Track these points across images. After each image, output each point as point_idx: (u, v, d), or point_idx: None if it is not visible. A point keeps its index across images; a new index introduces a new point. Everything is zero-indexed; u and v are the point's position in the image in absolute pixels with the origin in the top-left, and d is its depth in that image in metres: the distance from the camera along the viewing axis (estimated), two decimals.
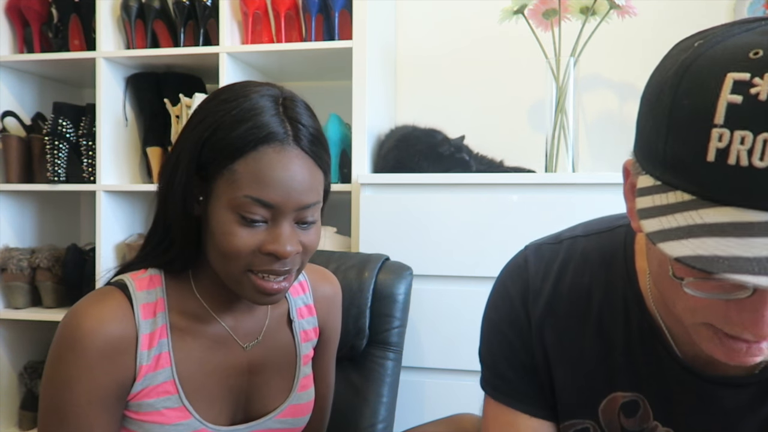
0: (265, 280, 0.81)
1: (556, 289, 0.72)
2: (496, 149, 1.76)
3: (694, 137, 0.46)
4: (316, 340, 1.01)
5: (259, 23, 1.79)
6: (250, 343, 0.91)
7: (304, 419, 0.97)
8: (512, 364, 0.75)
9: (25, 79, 2.05)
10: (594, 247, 0.73)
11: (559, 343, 0.72)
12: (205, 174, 0.81)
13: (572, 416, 0.72)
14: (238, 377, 0.90)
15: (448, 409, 1.06)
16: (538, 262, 0.75)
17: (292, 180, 0.79)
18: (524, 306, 0.74)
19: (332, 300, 1.05)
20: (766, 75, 0.44)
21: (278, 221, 0.80)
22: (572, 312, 0.71)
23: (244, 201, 0.77)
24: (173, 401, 0.83)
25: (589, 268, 0.72)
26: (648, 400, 0.67)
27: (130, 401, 0.82)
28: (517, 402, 0.75)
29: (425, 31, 1.97)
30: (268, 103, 0.81)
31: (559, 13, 1.63)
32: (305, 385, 0.97)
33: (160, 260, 0.87)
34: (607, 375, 0.69)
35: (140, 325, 0.82)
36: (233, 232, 0.78)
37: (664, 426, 0.67)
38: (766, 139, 0.43)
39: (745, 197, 0.44)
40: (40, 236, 2.10)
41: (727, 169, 0.44)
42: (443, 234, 1.49)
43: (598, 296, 0.70)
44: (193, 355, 0.86)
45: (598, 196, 1.39)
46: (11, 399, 1.99)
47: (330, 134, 1.75)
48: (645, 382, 0.68)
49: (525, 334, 0.74)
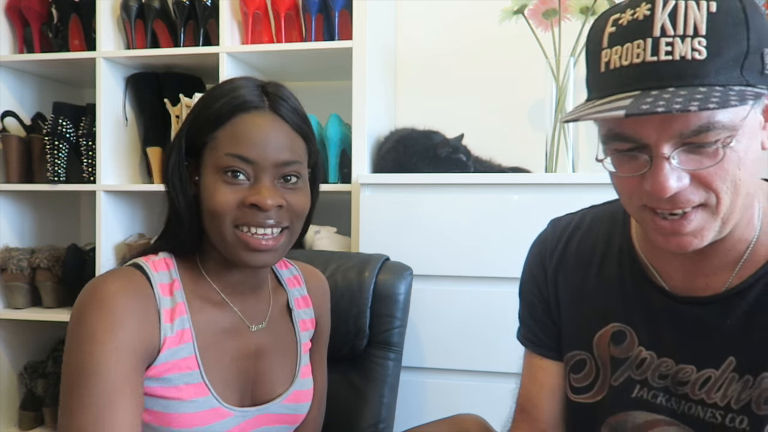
0: (253, 236, 0.85)
1: (568, 246, 0.89)
2: (495, 149, 1.76)
3: (592, 60, 0.70)
4: (312, 331, 1.04)
5: (259, 23, 1.79)
6: (257, 325, 0.94)
7: (305, 406, 0.99)
8: (533, 316, 0.93)
9: (25, 79, 2.05)
10: (602, 212, 0.90)
11: (567, 288, 0.88)
12: (196, 153, 0.87)
13: (572, 348, 0.87)
14: (247, 360, 0.92)
15: (448, 409, 1.06)
16: (554, 229, 0.93)
17: (268, 137, 0.85)
18: (542, 266, 0.92)
19: (324, 295, 1.10)
20: (627, 10, 0.66)
21: (259, 177, 0.85)
22: (579, 262, 0.88)
23: (225, 158, 0.84)
24: (194, 377, 0.84)
25: (596, 227, 0.88)
26: (634, 330, 0.81)
27: (151, 376, 0.81)
28: (535, 346, 0.93)
29: (425, 31, 1.97)
30: (249, 83, 0.89)
31: (559, 13, 1.63)
32: (306, 373, 1.00)
33: (170, 245, 0.90)
34: (602, 310, 0.84)
35: (161, 301, 0.83)
36: (218, 189, 0.84)
37: (647, 350, 0.79)
38: (628, 47, 0.65)
39: (617, 85, 0.66)
40: (40, 236, 2.10)
41: (609, 72, 0.67)
42: (443, 234, 1.49)
43: (600, 248, 0.86)
44: (209, 334, 0.88)
45: (598, 196, 1.37)
46: (11, 399, 1.99)
47: (330, 134, 1.75)
48: (633, 313, 0.81)
49: (542, 290, 0.91)
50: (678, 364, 0.76)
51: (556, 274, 0.90)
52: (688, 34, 0.62)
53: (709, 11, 0.62)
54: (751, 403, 0.71)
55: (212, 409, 0.85)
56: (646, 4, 0.64)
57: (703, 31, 0.61)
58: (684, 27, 0.62)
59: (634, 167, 0.67)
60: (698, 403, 0.75)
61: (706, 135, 0.62)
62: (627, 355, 0.81)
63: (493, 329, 1.44)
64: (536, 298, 0.93)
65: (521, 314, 0.98)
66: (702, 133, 0.62)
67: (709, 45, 0.61)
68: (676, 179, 0.64)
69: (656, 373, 0.78)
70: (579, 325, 0.86)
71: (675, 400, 0.77)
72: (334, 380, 1.14)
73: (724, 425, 0.73)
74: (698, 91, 0.60)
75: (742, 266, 0.73)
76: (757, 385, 0.71)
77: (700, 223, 0.67)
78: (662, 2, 0.63)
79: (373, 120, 1.70)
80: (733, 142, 0.63)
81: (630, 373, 0.80)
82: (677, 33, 0.62)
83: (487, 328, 1.45)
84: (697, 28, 0.62)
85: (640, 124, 0.64)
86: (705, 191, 0.65)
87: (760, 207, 0.74)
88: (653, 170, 0.65)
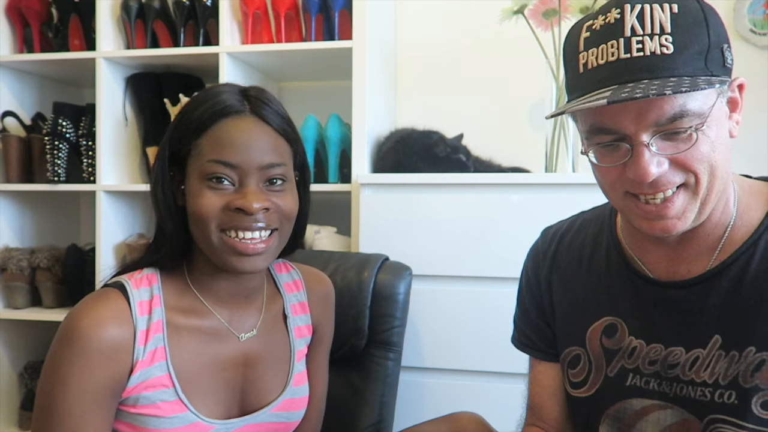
0: (241, 241, 0.84)
1: (559, 247, 0.94)
2: (495, 149, 1.76)
3: (570, 64, 0.76)
4: (309, 337, 1.03)
5: (259, 23, 1.79)
6: (246, 334, 0.93)
7: (298, 414, 0.98)
8: (528, 320, 0.98)
9: (25, 79, 2.05)
10: (591, 215, 0.95)
11: (561, 289, 0.92)
12: (180, 161, 0.87)
13: (567, 345, 0.91)
14: (234, 370, 0.91)
15: (447, 409, 1.05)
16: (545, 236, 0.99)
17: (249, 140, 0.85)
18: (535, 272, 0.96)
19: (326, 300, 1.08)
20: (599, 16, 0.72)
21: (244, 181, 0.85)
22: (570, 262, 0.92)
23: (209, 165, 0.84)
24: (169, 394, 0.84)
25: (585, 228, 0.93)
26: (624, 321, 0.84)
27: (127, 396, 0.83)
28: (530, 349, 0.98)
29: (425, 31, 1.96)
30: (229, 88, 0.88)
31: (559, 13, 1.63)
32: (299, 380, 0.99)
33: (155, 258, 0.90)
34: (593, 305, 0.88)
35: (137, 322, 0.83)
36: (202, 195, 0.84)
37: (637, 339, 0.83)
38: (603, 47, 0.71)
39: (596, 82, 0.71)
40: (40, 236, 2.10)
41: (588, 72, 0.73)
42: (443, 234, 1.49)
43: (589, 247, 0.91)
44: (188, 348, 0.88)
45: (598, 196, 1.37)
46: (11, 399, 1.99)
47: (330, 134, 1.75)
48: (621, 304, 0.85)
49: (536, 295, 0.96)
50: (667, 348, 0.80)
51: (549, 277, 0.94)
52: (656, 32, 0.69)
53: (672, 12, 0.69)
54: (738, 377, 0.74)
55: (191, 425, 0.86)
56: (616, 10, 0.71)
57: (668, 29, 0.68)
58: (651, 26, 0.69)
59: (616, 157, 0.73)
60: (688, 384, 0.78)
61: (681, 122, 0.69)
62: (619, 346, 0.84)
63: (492, 329, 1.44)
64: (530, 303, 0.97)
65: (516, 318, 1.02)
66: (676, 120, 0.69)
67: (675, 41, 0.68)
68: (656, 165, 0.70)
69: (646, 360, 0.82)
70: (573, 321, 0.90)
71: (666, 383, 0.80)
72: (333, 380, 1.14)
73: (714, 402, 0.76)
74: (670, 81, 0.67)
75: (720, 250, 0.78)
76: (743, 359, 0.74)
77: (683, 204, 0.73)
78: (629, 6, 0.70)
79: (373, 120, 1.70)
80: (705, 128, 0.70)
81: (623, 363, 0.84)
82: (645, 32, 0.69)
83: (486, 328, 1.45)
84: (663, 27, 0.69)
85: (620, 116, 0.70)
86: (684, 173, 0.72)
87: (735, 193, 0.79)
88: (634, 158, 0.71)
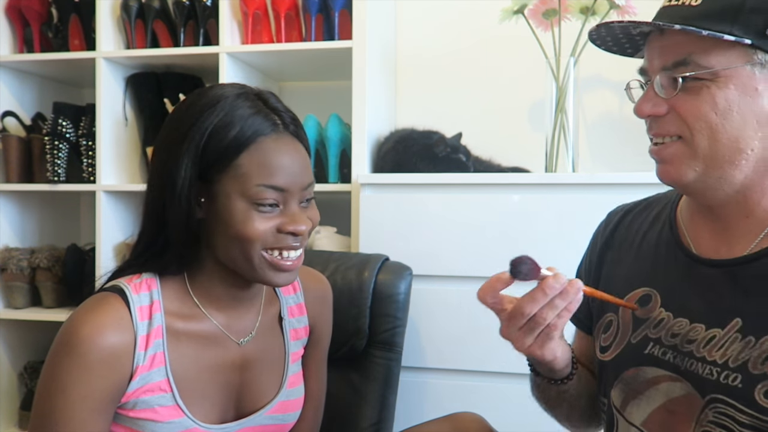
0: (283, 258, 0.87)
1: (620, 224, 0.97)
2: (495, 149, 1.76)
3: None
4: (306, 339, 1.04)
5: (259, 23, 1.79)
6: (244, 338, 0.94)
7: (293, 415, 0.99)
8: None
9: (25, 79, 2.05)
10: (663, 195, 0.97)
11: (611, 262, 0.95)
12: (207, 177, 0.85)
13: (604, 312, 0.93)
14: (231, 374, 0.92)
15: (447, 409, 1.06)
16: (607, 217, 1.01)
17: (293, 163, 0.87)
18: (592, 248, 1.00)
19: (323, 300, 1.08)
20: None
21: (288, 203, 0.87)
22: (626, 238, 0.95)
23: (258, 190, 0.84)
24: (167, 399, 0.85)
25: (651, 207, 0.95)
26: (659, 293, 0.86)
27: (126, 401, 0.83)
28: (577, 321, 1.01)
29: (425, 31, 1.96)
30: (248, 102, 0.88)
31: (559, 13, 1.63)
32: (294, 382, 0.99)
33: (155, 264, 0.89)
34: (635, 276, 0.90)
35: (138, 328, 0.84)
36: (251, 217, 0.85)
37: (666, 311, 0.85)
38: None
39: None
40: (40, 236, 2.10)
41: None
42: (443, 234, 1.49)
43: (647, 225, 0.93)
44: (187, 353, 0.88)
45: (598, 196, 1.39)
46: (11, 399, 1.99)
47: (330, 134, 1.75)
48: (660, 277, 0.87)
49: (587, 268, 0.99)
50: (691, 324, 0.81)
51: (604, 253, 0.97)
52: None
53: None
54: (748, 362, 0.75)
55: (187, 430, 0.86)
56: None
57: None
58: None
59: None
60: (699, 360, 0.79)
61: (683, 68, 0.73)
62: (648, 316, 0.86)
63: (493, 329, 1.42)
64: (583, 275, 1.01)
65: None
66: (679, 66, 0.74)
67: None
68: (651, 105, 0.77)
69: (669, 332, 0.83)
70: (613, 291, 0.91)
71: (680, 357, 0.81)
72: (333, 380, 1.14)
73: (719, 381, 0.76)
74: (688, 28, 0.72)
75: (764, 236, 0.77)
76: (758, 346, 0.74)
77: (676, 153, 0.76)
78: None
79: (373, 120, 1.70)
80: (713, 87, 0.72)
81: (647, 332, 0.86)
82: None
83: (486, 328, 1.44)
84: None
85: (648, 57, 0.79)
86: (680, 124, 0.75)
87: None
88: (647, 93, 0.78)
